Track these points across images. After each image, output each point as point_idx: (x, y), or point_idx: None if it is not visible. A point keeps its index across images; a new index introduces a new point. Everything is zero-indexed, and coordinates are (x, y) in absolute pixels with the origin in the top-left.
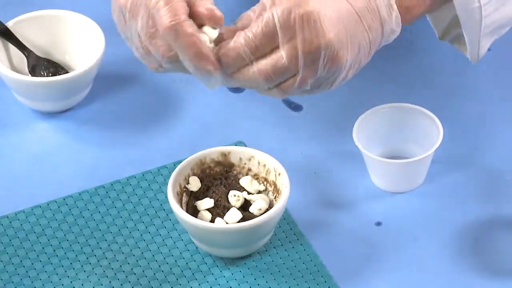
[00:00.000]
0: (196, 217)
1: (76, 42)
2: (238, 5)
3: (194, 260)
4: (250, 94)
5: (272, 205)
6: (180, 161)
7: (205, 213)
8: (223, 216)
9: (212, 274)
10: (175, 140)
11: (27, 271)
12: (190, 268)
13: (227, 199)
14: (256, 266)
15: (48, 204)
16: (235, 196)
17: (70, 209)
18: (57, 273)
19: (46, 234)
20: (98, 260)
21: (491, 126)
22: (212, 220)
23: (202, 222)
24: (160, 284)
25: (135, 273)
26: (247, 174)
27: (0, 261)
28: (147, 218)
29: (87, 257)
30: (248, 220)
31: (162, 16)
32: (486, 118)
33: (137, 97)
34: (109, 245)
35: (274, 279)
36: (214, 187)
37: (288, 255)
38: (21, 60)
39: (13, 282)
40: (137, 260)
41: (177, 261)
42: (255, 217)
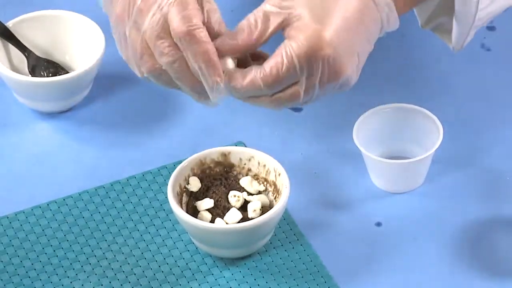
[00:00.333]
0: (196, 218)
1: (76, 43)
2: (239, 5)
3: (194, 261)
4: None
5: (272, 206)
6: (180, 162)
7: (205, 214)
8: (223, 217)
9: (212, 275)
10: (175, 140)
11: (27, 272)
12: (190, 269)
13: (227, 200)
14: (256, 267)
15: (48, 205)
16: (235, 197)
17: (70, 210)
18: (57, 274)
19: (46, 235)
20: (98, 261)
21: (491, 126)
22: (212, 221)
23: (202, 223)
24: (160, 285)
25: (135, 274)
26: (247, 175)
27: (0, 262)
28: (147, 219)
29: (87, 258)
30: (248, 221)
31: (179, 21)
32: (486, 118)
33: (137, 97)
34: (109, 246)
35: (274, 280)
36: (214, 188)
37: (288, 256)
38: (21, 60)
39: (13, 283)
40: (137, 261)
41: (177, 262)
42: (255, 218)
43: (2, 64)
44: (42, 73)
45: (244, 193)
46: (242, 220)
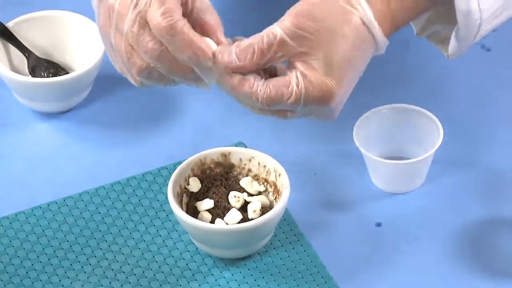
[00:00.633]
0: (196, 218)
1: (77, 43)
2: (234, 7)
3: (194, 261)
4: None
5: (273, 206)
6: (180, 162)
7: (205, 214)
8: (223, 217)
9: (212, 275)
10: (175, 141)
11: (27, 272)
12: (190, 269)
13: (227, 200)
14: (256, 267)
15: (48, 205)
16: (235, 197)
17: (70, 210)
18: (57, 274)
19: (46, 235)
20: (98, 261)
21: (491, 126)
22: (212, 221)
23: (202, 223)
24: (160, 285)
25: (135, 274)
26: (247, 175)
27: (0, 262)
28: (147, 219)
29: (87, 258)
30: (248, 221)
31: (158, 17)
32: (486, 119)
33: (137, 98)
34: (109, 246)
35: (274, 280)
36: (214, 188)
37: (288, 256)
38: (21, 61)
39: (13, 283)
40: (137, 261)
41: (177, 262)
42: (255, 218)
43: (2, 65)
44: (42, 74)
45: (244, 194)
46: (242, 221)
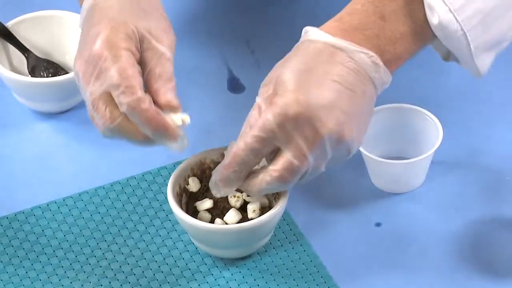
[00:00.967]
0: (196, 218)
1: (76, 43)
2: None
3: (194, 261)
4: (250, 95)
5: (272, 206)
6: (180, 162)
7: (205, 214)
8: (223, 217)
9: (212, 275)
10: None
11: (27, 272)
12: (190, 269)
13: (227, 200)
14: (256, 267)
15: (48, 205)
16: (235, 197)
17: (70, 210)
18: (57, 274)
19: (46, 235)
20: (98, 261)
21: (491, 127)
22: (212, 221)
23: (202, 223)
24: (160, 285)
25: (135, 274)
26: None
27: (0, 262)
28: (147, 219)
29: (87, 258)
30: (248, 221)
31: (120, 95)
32: (486, 119)
33: None
34: (109, 246)
35: (274, 280)
36: None
37: (288, 256)
38: (21, 61)
39: (13, 283)
40: (137, 261)
41: (177, 262)
42: (254, 218)
43: (2, 65)
44: (42, 74)
45: (244, 194)
46: (242, 221)
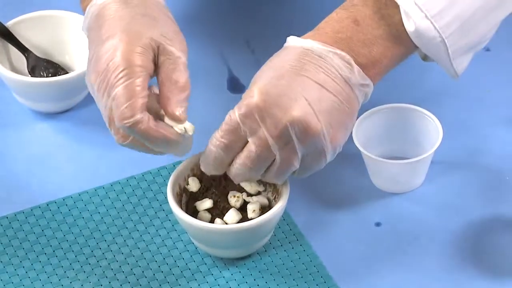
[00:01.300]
0: (196, 218)
1: (76, 43)
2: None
3: (194, 261)
4: None
5: (272, 206)
6: (180, 162)
7: (205, 214)
8: (223, 217)
9: (212, 275)
10: None
11: (27, 272)
12: (190, 269)
13: (227, 200)
14: (256, 267)
15: (48, 205)
16: (235, 197)
17: (70, 210)
18: (57, 274)
19: (46, 235)
20: (98, 261)
21: (491, 126)
22: (212, 221)
23: (202, 223)
24: (160, 285)
25: (135, 274)
26: None
27: (0, 262)
28: (147, 219)
29: (87, 258)
30: (248, 221)
31: (119, 116)
32: (486, 118)
33: None
34: (109, 246)
35: (274, 280)
36: (214, 188)
37: (288, 256)
38: (21, 61)
39: (13, 283)
40: (137, 261)
41: (177, 262)
42: (254, 218)
43: (2, 65)
44: (42, 74)
45: (244, 193)
46: (242, 221)
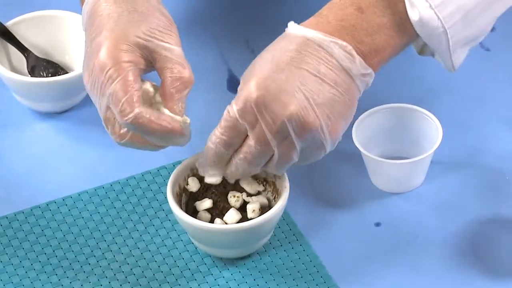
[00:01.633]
0: (196, 218)
1: (76, 43)
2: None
3: (194, 261)
4: None
5: (272, 206)
6: (180, 162)
7: (205, 214)
8: (223, 217)
9: (212, 275)
10: None
11: (27, 272)
12: (190, 269)
13: (227, 200)
14: (256, 267)
15: (48, 205)
16: (235, 197)
17: (70, 210)
18: (57, 274)
19: (46, 235)
20: (98, 261)
21: (491, 126)
22: (212, 221)
23: (201, 223)
24: (160, 285)
25: (135, 274)
26: None
27: (0, 262)
28: (147, 219)
29: (86, 258)
30: (247, 221)
31: (119, 113)
32: (486, 118)
33: None
34: (109, 246)
35: (274, 280)
36: (214, 188)
37: (288, 256)
38: (21, 61)
39: (13, 283)
40: (137, 261)
41: (177, 262)
42: (254, 218)
43: (2, 65)
44: (42, 73)
45: (244, 193)
46: (241, 220)
